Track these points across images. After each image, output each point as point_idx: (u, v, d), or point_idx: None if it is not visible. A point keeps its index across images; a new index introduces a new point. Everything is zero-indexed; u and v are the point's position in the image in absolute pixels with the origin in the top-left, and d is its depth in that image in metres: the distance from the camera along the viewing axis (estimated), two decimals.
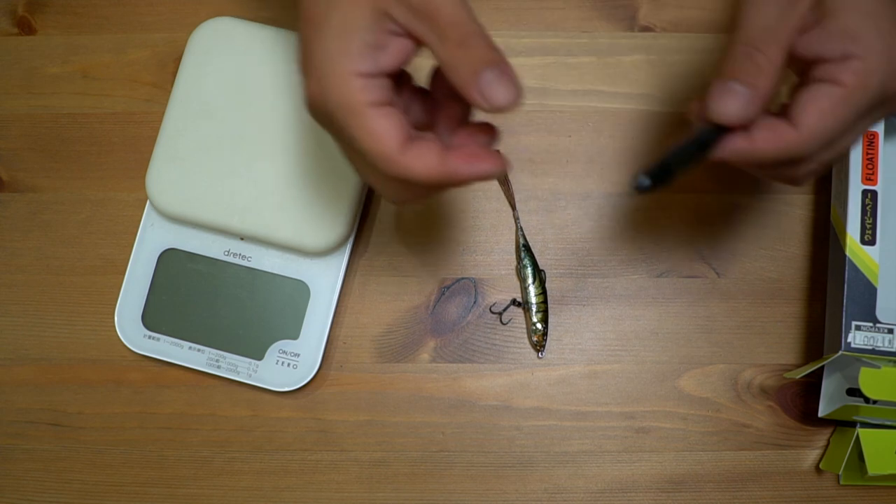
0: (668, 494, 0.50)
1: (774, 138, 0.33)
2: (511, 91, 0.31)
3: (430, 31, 0.31)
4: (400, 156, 0.32)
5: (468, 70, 0.31)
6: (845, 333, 0.46)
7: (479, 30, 0.32)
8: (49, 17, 0.54)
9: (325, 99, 0.32)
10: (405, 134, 0.32)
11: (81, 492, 0.50)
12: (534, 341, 0.50)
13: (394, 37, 0.32)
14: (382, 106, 0.32)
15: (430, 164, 0.32)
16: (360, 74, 0.31)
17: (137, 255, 0.50)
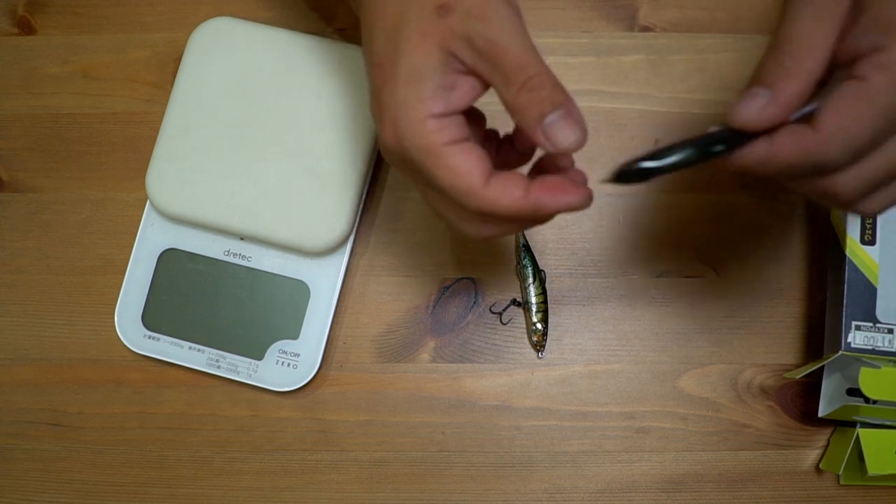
0: (668, 494, 0.50)
1: (793, 142, 0.30)
2: (576, 133, 0.31)
3: (495, 73, 0.32)
4: (484, 189, 0.32)
5: (533, 112, 0.31)
6: (845, 333, 0.46)
7: (545, 70, 0.31)
8: (49, 17, 0.54)
9: (402, 145, 0.32)
10: (487, 167, 0.32)
11: (81, 492, 0.50)
12: (534, 341, 0.50)
13: (462, 76, 0.32)
14: (460, 142, 0.32)
15: (515, 196, 0.32)
16: (434, 116, 0.32)
17: (137, 255, 0.50)
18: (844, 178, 0.31)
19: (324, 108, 0.48)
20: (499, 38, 0.31)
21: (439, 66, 0.32)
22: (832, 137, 0.30)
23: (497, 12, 0.31)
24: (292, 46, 0.49)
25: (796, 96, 0.30)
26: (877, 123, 0.29)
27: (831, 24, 0.31)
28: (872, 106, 0.29)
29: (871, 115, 0.29)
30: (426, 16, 0.32)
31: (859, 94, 0.29)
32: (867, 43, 0.30)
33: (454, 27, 0.31)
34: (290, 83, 0.49)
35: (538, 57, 0.32)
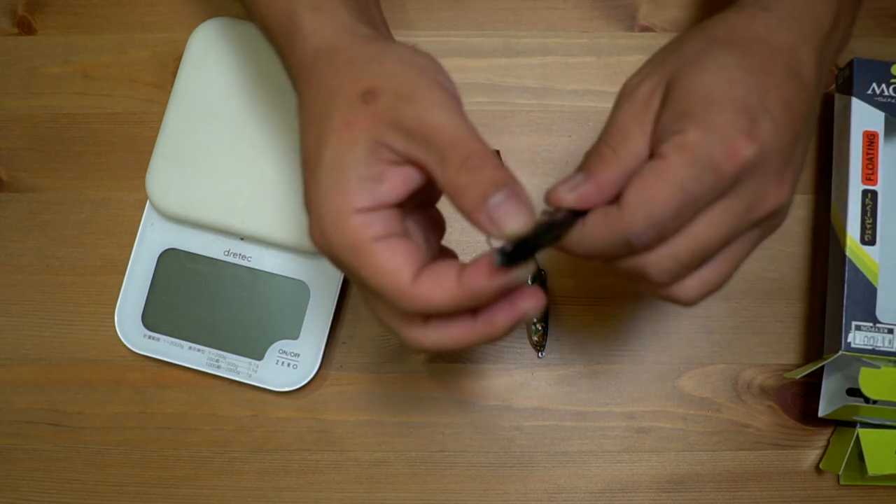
0: (668, 494, 0.50)
1: (601, 220, 0.31)
2: (522, 214, 0.29)
3: (430, 154, 0.30)
4: (413, 287, 0.30)
5: (474, 193, 0.29)
6: (845, 333, 0.46)
7: (485, 148, 0.30)
8: (49, 17, 0.54)
9: (327, 241, 0.31)
10: (416, 263, 0.30)
11: (81, 492, 0.50)
12: (534, 341, 0.50)
13: (393, 166, 0.31)
14: (387, 238, 0.30)
15: (447, 287, 0.29)
16: (359, 211, 0.30)
17: (137, 255, 0.50)
18: (655, 258, 0.31)
19: None
20: (431, 116, 0.30)
21: (365, 156, 0.30)
22: (635, 213, 0.30)
23: (428, 91, 0.31)
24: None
25: (610, 181, 0.31)
26: (675, 199, 0.30)
27: (645, 117, 0.32)
28: (670, 181, 0.30)
29: (670, 191, 0.30)
30: (351, 104, 0.31)
31: (658, 171, 0.30)
32: (669, 130, 0.31)
33: (381, 113, 0.30)
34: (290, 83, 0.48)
35: (476, 135, 0.30)
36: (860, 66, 0.48)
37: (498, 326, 0.31)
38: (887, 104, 0.48)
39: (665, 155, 0.30)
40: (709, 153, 0.30)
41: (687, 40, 0.33)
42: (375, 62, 0.32)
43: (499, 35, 0.53)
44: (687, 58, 0.32)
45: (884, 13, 0.53)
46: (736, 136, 0.30)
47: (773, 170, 0.31)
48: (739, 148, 0.30)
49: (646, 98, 0.32)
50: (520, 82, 0.53)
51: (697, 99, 0.30)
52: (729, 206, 0.31)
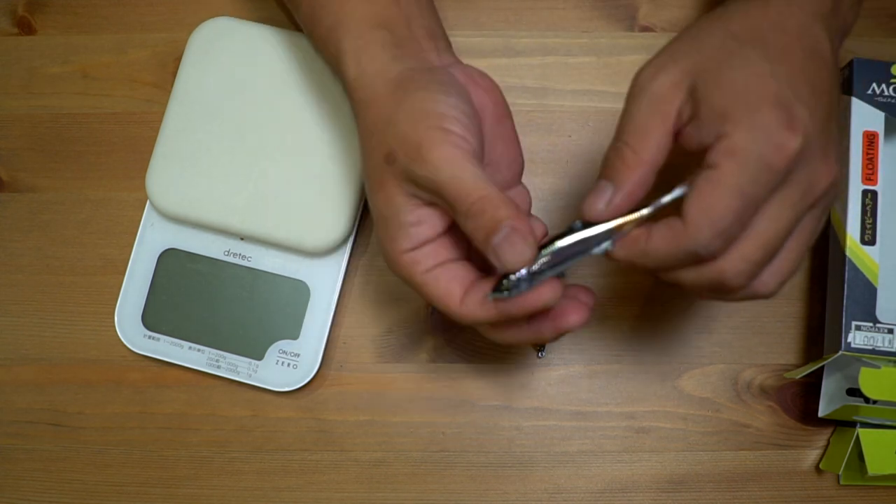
0: (668, 494, 0.50)
1: (666, 235, 0.32)
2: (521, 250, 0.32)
3: (445, 203, 0.34)
4: (460, 308, 0.35)
5: (481, 237, 0.33)
6: (845, 333, 0.46)
7: (486, 192, 0.33)
8: (49, 17, 0.54)
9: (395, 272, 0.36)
10: (462, 287, 0.35)
11: (81, 492, 0.50)
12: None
13: (427, 209, 0.35)
14: (435, 269, 0.35)
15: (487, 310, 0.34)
16: (404, 252, 0.35)
17: (137, 255, 0.50)
18: (729, 263, 0.32)
19: (324, 108, 0.48)
20: (437, 176, 0.33)
21: (400, 207, 0.35)
22: (699, 226, 0.31)
23: (433, 150, 0.33)
24: (292, 46, 0.49)
25: (638, 185, 0.33)
26: (736, 205, 0.31)
27: (666, 112, 0.33)
28: (728, 188, 0.31)
29: (730, 199, 0.31)
30: (379, 165, 0.35)
31: (714, 181, 0.31)
32: (710, 132, 0.32)
33: (401, 173, 0.34)
34: (290, 83, 0.49)
35: (481, 181, 0.33)
36: (860, 66, 0.48)
37: (546, 335, 0.35)
38: (887, 104, 0.48)
39: (717, 163, 0.31)
40: (759, 153, 0.31)
41: (705, 35, 0.34)
42: (392, 123, 0.35)
43: (499, 35, 0.53)
44: (710, 55, 0.33)
45: (884, 13, 0.53)
46: (779, 131, 0.31)
47: (817, 152, 0.32)
48: (785, 142, 0.31)
49: (666, 92, 0.33)
50: (520, 82, 0.53)
51: (733, 99, 0.31)
52: (786, 196, 0.32)
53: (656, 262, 0.33)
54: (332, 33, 0.39)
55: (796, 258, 0.34)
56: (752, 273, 0.33)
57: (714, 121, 0.32)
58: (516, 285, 0.33)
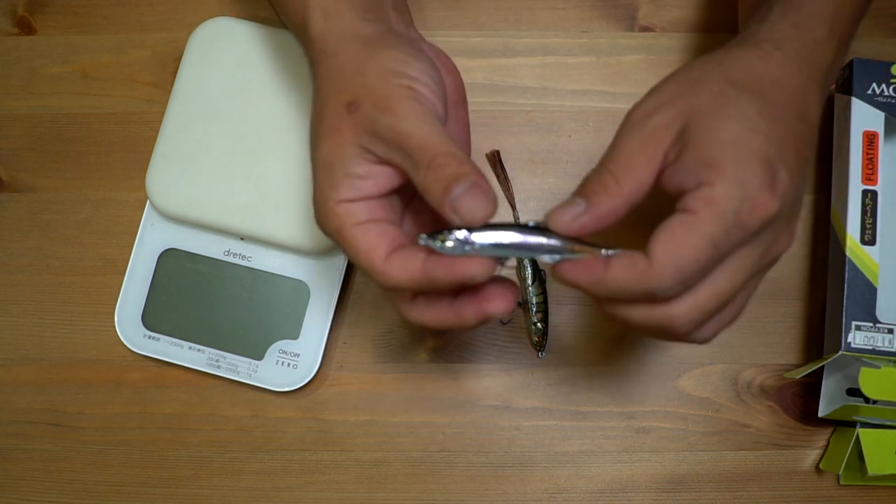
0: (668, 494, 0.50)
1: (628, 267, 0.31)
2: (482, 204, 0.32)
3: (403, 159, 0.33)
4: (384, 265, 0.33)
5: (439, 189, 0.32)
6: (845, 333, 0.46)
7: (450, 149, 0.33)
8: (49, 17, 0.54)
9: (322, 225, 0.35)
10: (389, 246, 0.34)
11: (81, 492, 0.50)
12: (534, 341, 0.50)
13: (377, 166, 0.34)
14: (367, 223, 0.34)
15: (410, 269, 0.33)
16: (342, 201, 0.34)
17: (137, 255, 0.50)
18: (681, 310, 0.32)
19: None
20: (402, 126, 0.33)
21: (350, 157, 0.34)
22: (664, 267, 0.31)
23: (401, 103, 0.33)
24: (292, 46, 0.49)
25: (610, 212, 0.32)
26: (704, 254, 0.31)
27: (654, 150, 0.32)
28: (701, 236, 0.30)
29: (700, 246, 0.30)
30: (337, 111, 0.35)
31: (688, 226, 0.31)
32: (692, 178, 0.31)
33: (362, 122, 0.34)
34: (290, 83, 0.49)
35: (446, 139, 0.33)
36: (860, 66, 0.48)
37: (466, 319, 0.34)
38: (887, 104, 0.48)
39: (694, 209, 0.31)
40: (737, 208, 0.31)
41: (703, 79, 0.34)
42: (360, 73, 0.35)
43: (499, 35, 0.53)
44: (705, 99, 0.33)
45: (884, 13, 0.53)
46: (762, 191, 0.31)
47: (785, 218, 0.33)
48: (764, 203, 0.31)
49: (657, 131, 0.33)
50: (520, 82, 0.53)
51: (722, 149, 0.31)
52: (747, 255, 0.32)
53: (609, 293, 0.32)
54: None
55: (737, 312, 0.35)
56: (700, 323, 0.33)
57: (698, 166, 0.31)
58: (453, 242, 0.32)
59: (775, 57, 0.34)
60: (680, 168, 0.32)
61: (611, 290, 0.32)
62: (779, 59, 0.34)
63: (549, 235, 0.33)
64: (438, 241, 0.32)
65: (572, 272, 0.33)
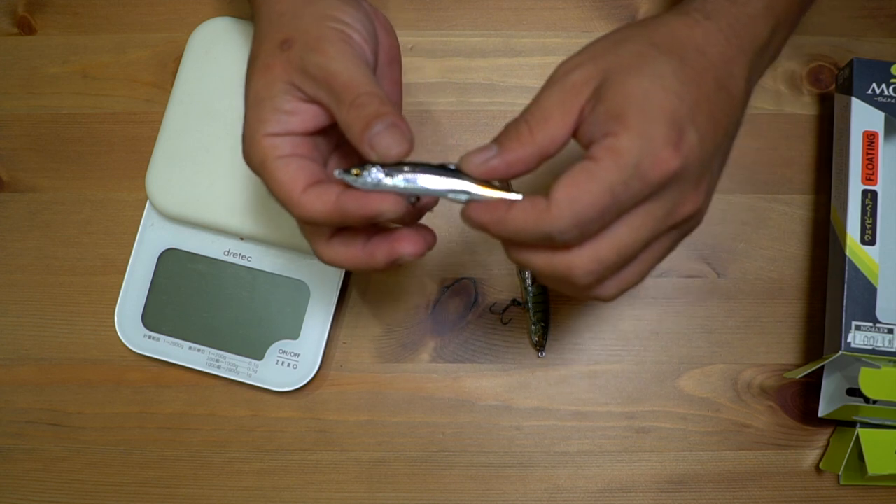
0: (668, 494, 0.50)
1: (527, 208, 0.32)
2: (399, 142, 0.33)
3: (329, 97, 0.35)
4: (300, 196, 0.35)
5: (359, 125, 0.34)
6: (845, 333, 0.46)
7: (375, 90, 0.34)
8: (49, 17, 0.54)
9: (247, 157, 0.37)
10: (309, 179, 0.35)
11: (81, 492, 0.50)
12: (534, 341, 0.50)
13: (305, 104, 0.36)
14: (289, 157, 0.35)
15: (325, 201, 0.34)
16: (268, 135, 0.35)
17: (137, 255, 0.50)
18: (580, 259, 0.33)
19: None
20: (330, 64, 0.34)
21: (280, 94, 0.35)
22: (562, 209, 0.31)
23: (332, 44, 0.35)
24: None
25: (520, 159, 0.33)
26: (603, 200, 0.31)
27: (571, 104, 0.33)
28: (599, 183, 0.31)
29: (599, 192, 0.31)
30: (271, 50, 0.36)
31: (588, 171, 0.32)
32: (600, 130, 0.32)
33: (293, 59, 0.35)
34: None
35: (372, 81, 0.35)
36: (860, 66, 0.48)
37: (377, 260, 0.36)
38: (887, 104, 0.48)
39: (596, 157, 0.32)
40: (638, 160, 0.31)
41: (627, 39, 0.34)
42: (296, 17, 0.36)
43: (499, 35, 0.53)
44: (625, 58, 0.33)
45: (883, 13, 0.53)
46: (664, 147, 0.31)
47: (692, 179, 0.33)
48: (666, 159, 0.31)
49: (576, 86, 0.33)
50: (520, 82, 0.53)
51: (632, 103, 0.32)
52: (650, 210, 0.33)
53: (510, 234, 0.33)
54: None
55: (642, 272, 0.35)
56: (600, 275, 0.33)
57: (607, 119, 0.32)
58: (365, 176, 0.34)
59: (703, 25, 0.35)
60: (592, 121, 0.33)
61: (511, 230, 0.33)
62: (706, 28, 0.34)
63: (461, 177, 0.34)
64: (352, 175, 0.34)
65: (477, 212, 0.33)
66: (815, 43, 0.53)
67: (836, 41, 0.53)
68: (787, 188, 0.52)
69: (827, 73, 0.53)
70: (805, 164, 0.52)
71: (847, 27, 0.53)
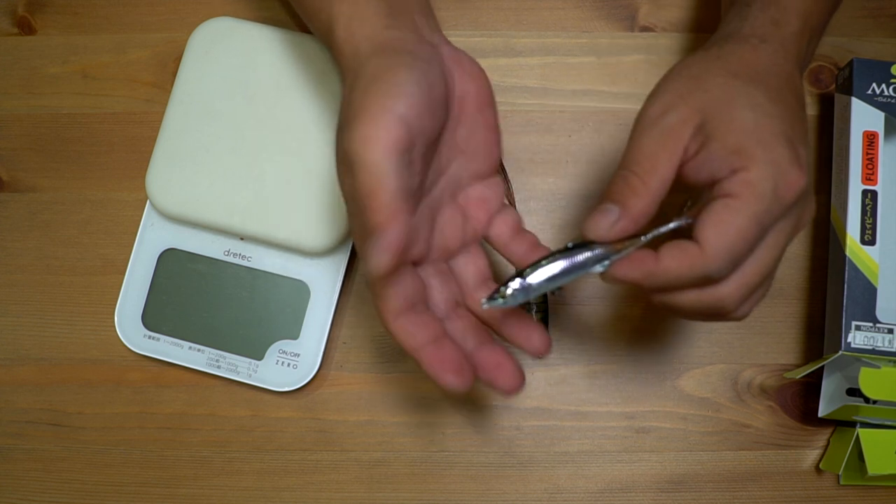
0: (668, 494, 0.50)
1: (680, 256, 0.33)
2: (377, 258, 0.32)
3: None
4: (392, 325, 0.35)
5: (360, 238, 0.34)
6: (845, 333, 0.46)
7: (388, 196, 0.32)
8: (49, 17, 0.54)
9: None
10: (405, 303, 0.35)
11: (81, 492, 0.50)
12: None
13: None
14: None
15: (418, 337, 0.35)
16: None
17: (137, 255, 0.50)
18: (731, 288, 0.34)
19: (323, 108, 0.48)
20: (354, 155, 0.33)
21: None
22: (717, 249, 0.33)
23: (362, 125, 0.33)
24: (292, 46, 0.49)
25: (642, 212, 0.34)
26: (751, 232, 0.33)
27: (674, 146, 0.34)
28: (745, 216, 0.33)
29: (746, 225, 0.33)
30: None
31: (732, 208, 0.33)
32: (724, 167, 0.33)
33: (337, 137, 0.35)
34: (290, 83, 0.49)
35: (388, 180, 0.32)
36: (860, 66, 0.48)
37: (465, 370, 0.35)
38: (887, 104, 0.48)
39: (734, 193, 0.33)
40: (774, 186, 0.33)
41: (708, 75, 0.36)
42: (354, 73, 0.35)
43: (499, 35, 0.53)
44: (715, 94, 0.35)
45: (884, 13, 0.53)
46: (791, 167, 0.33)
47: (811, 188, 0.35)
48: (796, 179, 0.33)
49: (674, 129, 0.34)
50: (520, 82, 0.53)
51: (747, 136, 0.33)
52: (783, 227, 0.34)
53: (664, 283, 0.34)
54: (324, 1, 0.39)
55: (771, 283, 0.37)
56: (746, 298, 0.35)
57: (728, 155, 0.33)
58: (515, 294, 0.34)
59: (763, 49, 0.37)
60: (707, 160, 0.34)
61: (665, 280, 0.34)
62: (766, 51, 0.37)
63: (591, 248, 0.34)
64: (500, 300, 0.34)
65: (624, 270, 0.34)
66: None
67: (836, 41, 0.53)
68: None
69: (827, 73, 0.53)
70: None
71: (847, 27, 0.53)
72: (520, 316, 0.38)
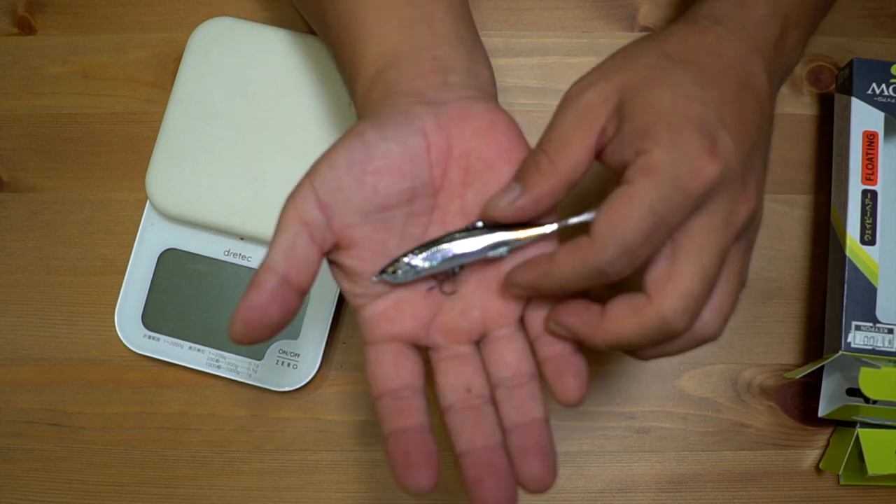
0: (668, 494, 0.50)
1: (573, 251, 0.31)
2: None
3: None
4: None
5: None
6: (845, 333, 0.46)
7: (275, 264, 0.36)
8: (49, 17, 0.54)
9: None
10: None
11: (81, 492, 0.50)
12: None
13: None
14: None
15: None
16: None
17: (137, 255, 0.50)
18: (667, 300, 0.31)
19: (324, 109, 0.48)
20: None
21: None
22: (605, 240, 0.30)
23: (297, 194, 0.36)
24: (292, 46, 0.49)
25: (546, 192, 0.32)
26: (646, 221, 0.30)
27: (590, 126, 0.32)
28: (639, 204, 0.30)
29: (640, 214, 0.30)
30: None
31: (626, 195, 0.30)
32: (631, 149, 0.31)
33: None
34: (290, 83, 0.49)
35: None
36: (860, 66, 0.48)
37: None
38: (887, 104, 0.48)
39: (632, 179, 0.30)
40: (675, 174, 0.30)
41: (640, 54, 0.33)
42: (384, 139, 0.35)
43: (499, 35, 0.53)
44: (641, 73, 0.32)
45: (884, 13, 0.53)
46: (699, 155, 0.30)
47: (737, 181, 0.32)
48: (704, 167, 0.30)
49: (592, 107, 0.32)
50: (520, 82, 0.53)
51: (657, 118, 0.31)
52: (708, 224, 0.31)
53: (560, 282, 0.32)
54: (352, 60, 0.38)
55: (732, 293, 0.33)
56: (693, 310, 0.31)
57: (636, 138, 0.31)
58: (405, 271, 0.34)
59: (713, 30, 0.34)
60: (620, 142, 0.31)
61: (561, 278, 0.32)
62: (717, 32, 0.34)
63: (493, 230, 0.33)
64: (390, 274, 0.34)
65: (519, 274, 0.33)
66: (815, 43, 0.53)
67: (835, 41, 0.53)
68: (787, 188, 0.52)
69: (827, 73, 0.53)
70: (805, 164, 0.52)
71: (847, 27, 0.53)
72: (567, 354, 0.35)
